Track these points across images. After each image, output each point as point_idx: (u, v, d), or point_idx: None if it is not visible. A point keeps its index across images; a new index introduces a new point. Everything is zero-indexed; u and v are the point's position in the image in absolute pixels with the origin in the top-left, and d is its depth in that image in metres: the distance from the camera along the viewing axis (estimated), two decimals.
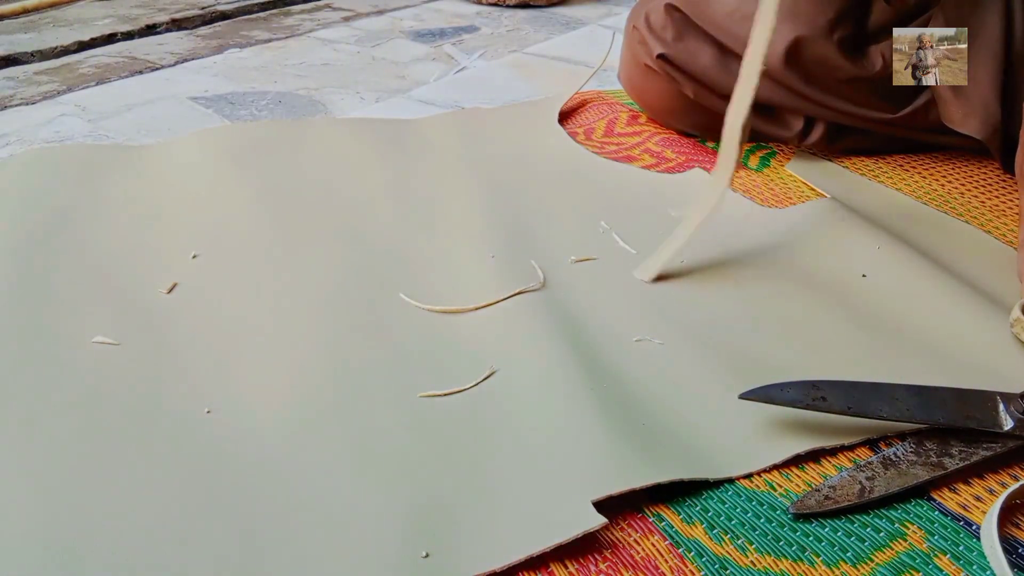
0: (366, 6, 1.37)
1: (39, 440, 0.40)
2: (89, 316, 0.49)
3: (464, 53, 1.11)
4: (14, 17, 1.22)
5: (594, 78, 0.86)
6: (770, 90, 0.67)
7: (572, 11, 1.36)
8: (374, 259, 0.56)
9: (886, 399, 0.40)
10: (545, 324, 0.48)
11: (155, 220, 0.61)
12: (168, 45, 1.13)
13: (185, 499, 0.37)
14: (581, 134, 0.77)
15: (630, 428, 0.41)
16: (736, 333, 0.49)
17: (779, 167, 0.70)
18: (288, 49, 1.12)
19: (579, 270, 0.55)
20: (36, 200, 0.62)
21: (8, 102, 0.89)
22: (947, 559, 0.35)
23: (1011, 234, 0.59)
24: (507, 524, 0.36)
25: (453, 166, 0.70)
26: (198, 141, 0.73)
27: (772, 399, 0.41)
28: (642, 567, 0.34)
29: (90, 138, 0.80)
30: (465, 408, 0.43)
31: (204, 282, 0.53)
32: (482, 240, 0.58)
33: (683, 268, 0.55)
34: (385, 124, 0.78)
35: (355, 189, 0.66)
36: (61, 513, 0.36)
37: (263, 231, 0.59)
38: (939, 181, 0.67)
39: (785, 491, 0.38)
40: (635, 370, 0.45)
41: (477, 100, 0.89)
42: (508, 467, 0.39)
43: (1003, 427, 0.39)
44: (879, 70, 0.65)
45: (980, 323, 0.49)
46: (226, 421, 0.42)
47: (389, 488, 0.38)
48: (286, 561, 0.34)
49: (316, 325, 0.49)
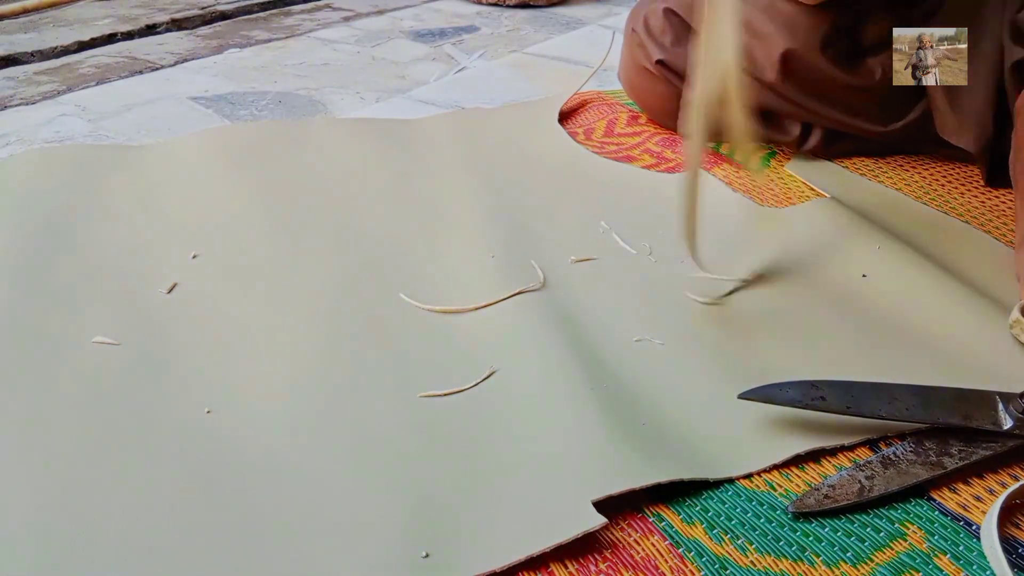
0: (366, 6, 1.37)
1: (39, 440, 0.40)
2: (89, 316, 0.49)
3: (464, 53, 1.11)
4: (14, 17, 1.22)
5: (594, 78, 0.86)
6: (768, 97, 0.67)
7: (572, 11, 1.36)
8: (374, 259, 0.56)
9: (885, 399, 0.40)
10: (545, 324, 0.48)
11: (155, 220, 0.61)
12: (168, 45, 1.13)
13: (185, 499, 0.37)
14: (581, 134, 0.77)
15: (630, 428, 0.41)
16: (736, 333, 0.49)
17: (779, 167, 0.70)
18: (288, 49, 1.12)
19: (579, 270, 0.55)
20: (36, 200, 0.62)
21: (8, 102, 0.89)
22: (947, 559, 0.35)
23: (1011, 234, 0.59)
24: (507, 524, 0.36)
25: (453, 166, 0.70)
26: (198, 141, 0.73)
27: (771, 399, 0.41)
28: (642, 567, 0.34)
29: (90, 138, 0.80)
30: (465, 408, 0.43)
31: (204, 282, 0.53)
32: (482, 240, 0.58)
33: (683, 268, 0.55)
34: (385, 124, 0.78)
35: (355, 189, 0.66)
36: (61, 512, 0.36)
37: (263, 231, 0.59)
38: (939, 181, 0.67)
39: (785, 491, 0.38)
40: (635, 370, 0.45)
41: (477, 100, 0.89)
42: (508, 467, 0.39)
43: (1002, 426, 0.39)
44: (876, 82, 0.65)
45: (980, 323, 0.49)
46: (226, 421, 0.42)
47: (389, 488, 0.38)
48: (286, 560, 0.34)
49: (316, 325, 0.49)
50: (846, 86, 0.66)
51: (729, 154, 0.72)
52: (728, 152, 0.72)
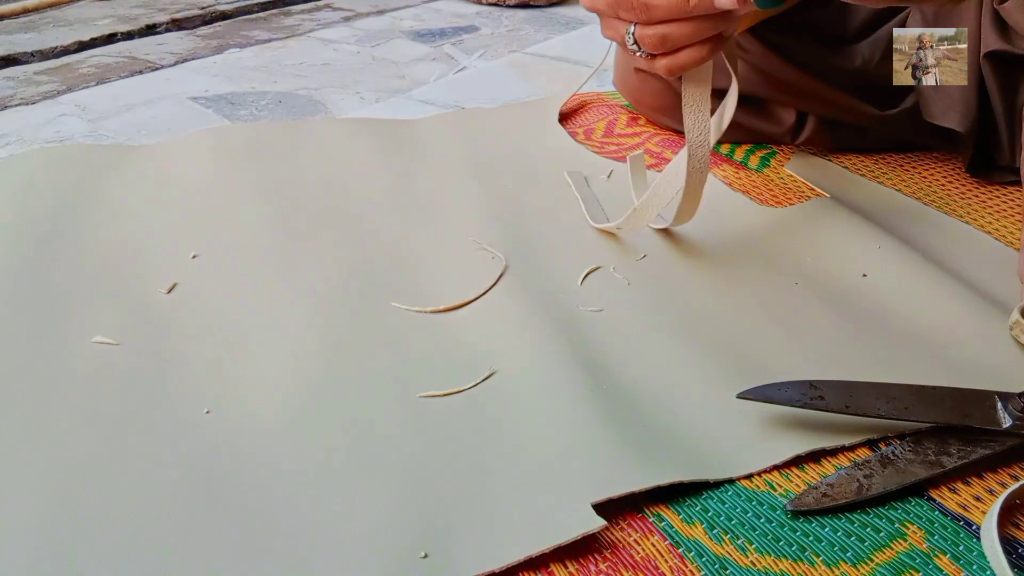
0: (366, 6, 1.37)
1: (38, 440, 0.40)
2: (89, 316, 0.49)
3: (464, 53, 1.11)
4: (14, 17, 1.22)
5: (594, 78, 0.86)
6: (755, 83, 0.67)
7: (572, 11, 1.36)
8: (374, 258, 0.56)
9: (884, 398, 0.40)
10: (545, 325, 0.48)
11: (155, 220, 0.61)
12: (168, 45, 1.13)
13: (184, 499, 0.37)
14: (581, 134, 0.77)
15: (629, 428, 0.41)
16: (736, 333, 0.49)
17: (779, 167, 0.70)
18: (288, 49, 1.12)
19: (579, 270, 0.55)
20: (36, 200, 0.62)
21: (8, 102, 0.89)
22: (947, 559, 0.35)
23: (1011, 234, 0.59)
24: (506, 525, 0.36)
25: (453, 166, 0.70)
26: (198, 141, 0.73)
27: (770, 399, 0.41)
28: (642, 567, 0.34)
29: (90, 138, 0.80)
30: (465, 409, 0.43)
31: (204, 282, 0.53)
32: (483, 240, 0.58)
33: (683, 268, 0.55)
34: (385, 124, 0.78)
35: (355, 189, 0.66)
36: (60, 513, 0.36)
37: (263, 231, 0.59)
38: (939, 181, 0.67)
39: (785, 491, 0.38)
40: (635, 370, 0.45)
41: (477, 100, 0.89)
42: (507, 468, 0.39)
43: (1001, 425, 0.39)
44: (858, 66, 0.66)
45: (980, 323, 0.49)
46: (226, 421, 0.42)
47: (388, 488, 0.38)
48: (285, 561, 0.34)
49: (316, 325, 0.49)
50: (833, 64, 0.66)
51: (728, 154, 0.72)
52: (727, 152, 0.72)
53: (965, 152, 0.66)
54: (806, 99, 0.68)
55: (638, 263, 0.56)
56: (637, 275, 0.54)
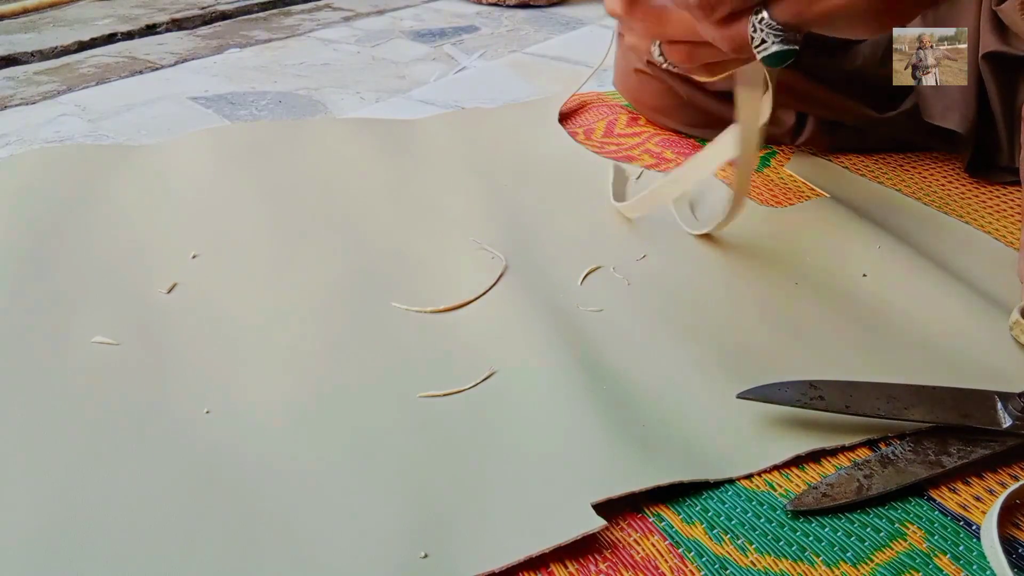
0: (366, 6, 1.37)
1: (38, 440, 0.40)
2: (89, 316, 0.49)
3: (464, 53, 1.11)
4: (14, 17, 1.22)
5: (594, 79, 0.86)
6: None
7: (572, 11, 1.36)
8: (374, 259, 0.56)
9: (884, 398, 0.40)
10: (545, 325, 0.48)
11: (155, 220, 0.61)
12: (168, 45, 1.13)
13: (184, 499, 0.37)
14: (581, 134, 0.77)
15: (629, 428, 0.41)
16: (736, 333, 0.49)
17: (779, 167, 0.70)
18: (288, 49, 1.12)
19: (579, 270, 0.55)
20: (36, 200, 0.62)
21: (8, 102, 0.89)
22: (947, 559, 0.35)
23: (1011, 234, 0.59)
24: (506, 525, 0.36)
25: (453, 166, 0.70)
26: (198, 141, 0.73)
27: (770, 398, 0.41)
28: (642, 567, 0.34)
29: (90, 138, 0.80)
30: (465, 409, 0.43)
31: (204, 282, 0.53)
32: (483, 240, 0.58)
33: (683, 268, 0.55)
34: (385, 124, 0.78)
35: (355, 189, 0.66)
36: (59, 513, 0.36)
37: (263, 231, 0.59)
38: (939, 181, 0.67)
39: (785, 491, 0.38)
40: (635, 370, 0.45)
41: (477, 100, 0.89)
42: (507, 468, 0.39)
43: (1001, 425, 0.39)
44: (859, 65, 0.66)
45: (980, 323, 0.49)
46: (226, 421, 0.42)
47: (388, 488, 0.38)
48: (285, 561, 0.34)
49: (316, 325, 0.49)
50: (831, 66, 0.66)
51: None
52: None
53: (964, 152, 0.66)
54: (806, 102, 0.68)
55: (638, 263, 0.56)
56: (637, 275, 0.54)
